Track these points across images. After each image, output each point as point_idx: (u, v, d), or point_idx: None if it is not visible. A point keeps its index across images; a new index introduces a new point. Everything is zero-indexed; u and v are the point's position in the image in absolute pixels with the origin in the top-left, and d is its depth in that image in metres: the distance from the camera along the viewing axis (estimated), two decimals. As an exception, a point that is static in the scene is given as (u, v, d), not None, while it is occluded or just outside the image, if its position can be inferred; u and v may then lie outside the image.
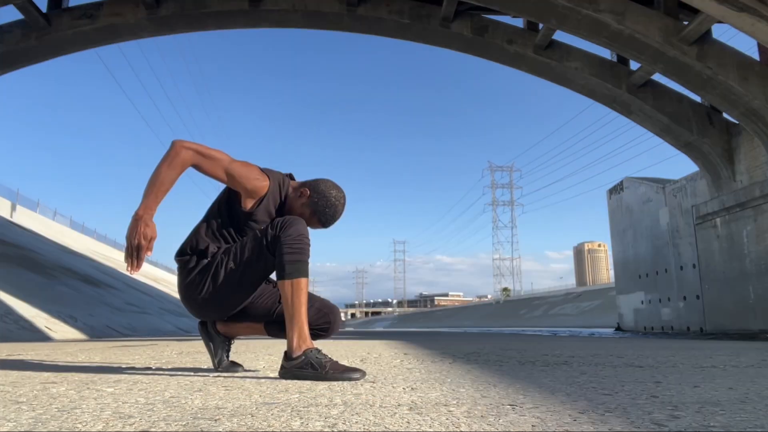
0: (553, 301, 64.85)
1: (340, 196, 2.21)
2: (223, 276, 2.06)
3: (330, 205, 2.17)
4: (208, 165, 2.03)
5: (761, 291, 14.82)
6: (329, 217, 2.18)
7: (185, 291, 2.14)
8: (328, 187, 2.20)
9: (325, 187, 2.19)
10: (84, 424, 1.12)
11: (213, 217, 2.18)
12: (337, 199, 2.19)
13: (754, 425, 1.15)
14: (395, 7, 15.00)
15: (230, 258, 2.07)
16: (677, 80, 14.27)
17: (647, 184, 21.73)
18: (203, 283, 2.08)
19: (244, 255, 2.06)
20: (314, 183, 2.21)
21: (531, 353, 3.73)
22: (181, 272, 2.15)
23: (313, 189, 2.18)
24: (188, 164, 2.01)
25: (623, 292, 23.76)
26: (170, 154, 1.98)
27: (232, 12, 14.90)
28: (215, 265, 2.08)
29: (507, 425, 1.14)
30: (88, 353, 3.74)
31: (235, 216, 2.14)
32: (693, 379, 2.08)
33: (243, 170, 2.08)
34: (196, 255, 2.12)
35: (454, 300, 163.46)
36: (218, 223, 2.16)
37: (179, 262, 2.16)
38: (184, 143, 2.02)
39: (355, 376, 1.98)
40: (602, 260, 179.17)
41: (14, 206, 26.73)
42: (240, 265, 2.06)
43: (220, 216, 2.16)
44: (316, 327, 2.18)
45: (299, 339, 1.98)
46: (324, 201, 2.17)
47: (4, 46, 14.41)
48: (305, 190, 2.17)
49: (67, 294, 13.50)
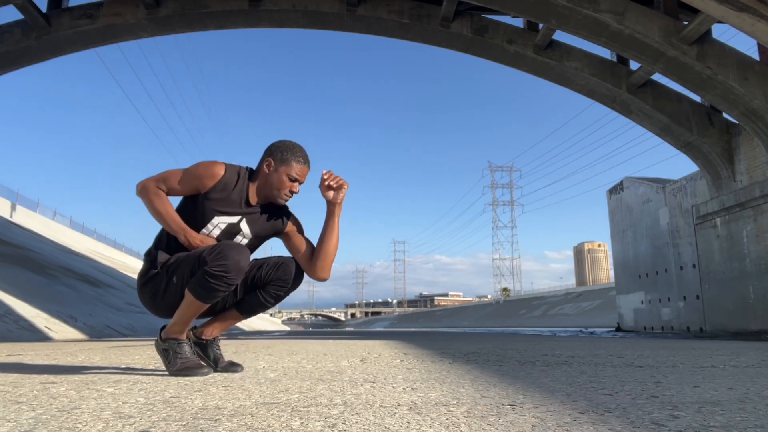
0: (553, 301, 64.83)
1: (289, 140, 2.33)
2: (163, 290, 2.17)
3: (291, 146, 2.28)
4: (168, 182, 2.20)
5: (761, 291, 14.81)
6: (298, 152, 2.27)
7: (138, 290, 2.27)
8: (276, 143, 2.31)
9: (277, 144, 2.30)
10: (84, 424, 1.12)
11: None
12: (291, 142, 2.30)
13: (754, 425, 1.15)
14: (395, 7, 15.00)
15: (172, 275, 2.15)
16: (677, 80, 14.27)
17: (647, 184, 21.73)
18: (149, 291, 2.21)
19: (183, 275, 2.13)
20: (265, 151, 2.30)
21: (531, 353, 3.73)
22: (140, 271, 2.27)
23: (271, 152, 2.27)
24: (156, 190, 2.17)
25: (623, 292, 23.76)
26: (146, 195, 2.18)
27: (232, 12, 14.90)
28: (159, 280, 2.17)
29: (507, 425, 1.14)
30: (88, 353, 3.74)
31: (192, 211, 2.21)
32: (693, 379, 2.08)
33: (190, 167, 2.22)
34: (150, 261, 2.22)
35: (454, 300, 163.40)
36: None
37: (143, 260, 2.30)
38: (141, 184, 2.21)
39: (201, 373, 2.12)
40: (602, 260, 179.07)
41: (14, 206, 26.72)
42: (178, 282, 2.15)
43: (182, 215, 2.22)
44: (273, 283, 2.25)
45: (174, 327, 2.17)
46: (285, 148, 2.27)
47: (4, 46, 14.41)
48: (268, 161, 2.25)
49: (67, 294, 13.49)
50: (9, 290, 10.52)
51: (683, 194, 18.97)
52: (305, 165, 2.28)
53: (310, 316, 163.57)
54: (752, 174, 15.14)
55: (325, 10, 14.92)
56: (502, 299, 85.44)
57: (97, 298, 15.23)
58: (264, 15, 15.12)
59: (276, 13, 15.09)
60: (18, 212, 26.81)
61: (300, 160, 2.26)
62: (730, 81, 13.07)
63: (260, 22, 15.50)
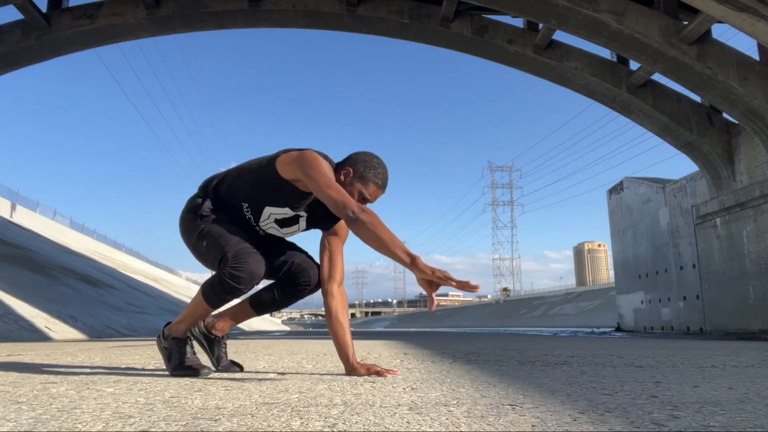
0: (553, 301, 64.85)
1: (376, 156, 2.18)
2: (194, 241, 2.15)
3: (376, 164, 2.14)
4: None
5: (761, 291, 14.81)
6: (380, 175, 2.14)
7: (180, 226, 2.24)
8: (363, 154, 2.17)
9: (361, 156, 2.16)
10: (84, 424, 1.12)
11: (244, 180, 2.17)
12: (376, 158, 2.17)
13: (754, 425, 1.15)
14: (395, 7, 15.00)
15: (203, 238, 2.11)
16: (677, 80, 14.27)
17: (647, 184, 21.73)
18: (188, 231, 2.18)
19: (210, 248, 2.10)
20: (350, 159, 2.16)
21: (531, 353, 3.73)
22: (183, 212, 2.23)
23: (353, 163, 2.13)
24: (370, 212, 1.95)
25: (623, 292, 23.76)
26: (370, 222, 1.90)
27: (232, 12, 14.90)
28: (195, 228, 2.14)
29: (507, 425, 1.14)
30: (88, 353, 3.74)
31: (271, 191, 2.11)
32: (693, 379, 2.08)
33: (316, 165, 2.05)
34: (194, 209, 2.17)
35: (454, 300, 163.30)
36: (240, 190, 2.16)
37: (192, 198, 2.24)
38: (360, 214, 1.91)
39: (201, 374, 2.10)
40: (602, 260, 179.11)
41: (14, 206, 26.72)
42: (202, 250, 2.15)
43: (252, 188, 2.14)
44: (296, 283, 2.26)
45: (179, 326, 2.17)
46: (369, 164, 2.13)
47: (4, 46, 14.41)
48: (347, 170, 2.11)
49: (67, 294, 13.49)
50: (9, 290, 10.52)
51: (683, 194, 18.98)
52: (381, 190, 2.16)
53: (310, 316, 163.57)
54: (752, 174, 15.14)
55: (325, 10, 14.92)
56: (502, 299, 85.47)
57: (97, 298, 15.23)
58: (264, 15, 15.12)
59: (276, 13, 15.09)
60: (18, 212, 26.81)
61: (378, 183, 2.14)
62: (730, 81, 13.07)
63: (260, 22, 15.50)
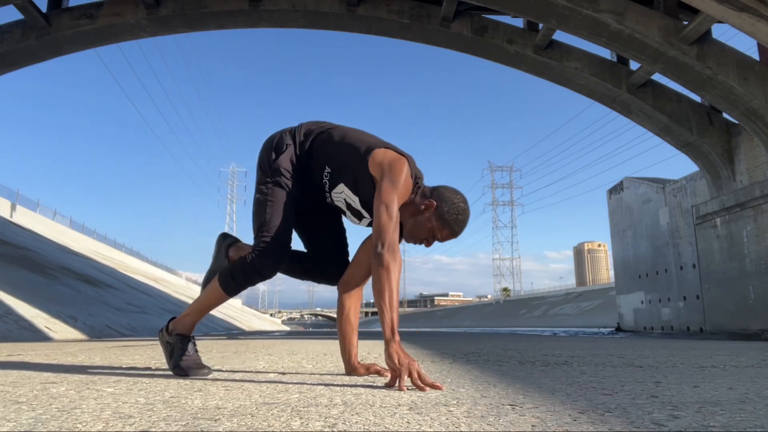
0: (553, 301, 64.87)
1: (465, 199, 2.08)
2: (257, 184, 2.14)
3: (461, 211, 2.05)
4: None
5: (761, 291, 14.82)
6: (461, 222, 2.06)
7: (259, 153, 2.22)
8: (452, 193, 2.07)
9: (449, 194, 2.06)
10: (84, 424, 1.12)
11: (341, 150, 2.09)
12: (464, 203, 2.07)
13: (754, 425, 1.15)
14: (395, 7, 15.01)
15: (266, 194, 2.10)
16: (677, 80, 14.28)
17: (647, 184, 21.74)
18: (260, 168, 2.17)
19: (261, 209, 2.08)
20: (437, 192, 2.06)
21: (531, 353, 3.73)
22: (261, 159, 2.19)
23: (439, 198, 2.03)
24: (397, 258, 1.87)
25: (623, 292, 23.76)
26: (393, 265, 1.83)
27: (232, 12, 14.91)
28: (264, 175, 2.13)
29: (507, 425, 1.14)
30: (88, 353, 3.73)
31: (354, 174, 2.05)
32: (693, 379, 2.08)
33: (397, 178, 1.97)
34: (282, 149, 2.13)
35: (453, 300, 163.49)
36: (332, 157, 2.10)
37: (283, 135, 2.18)
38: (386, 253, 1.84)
39: (201, 373, 2.08)
40: (602, 260, 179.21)
41: (14, 206, 26.72)
42: (257, 200, 2.13)
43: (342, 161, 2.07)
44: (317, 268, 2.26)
45: (186, 320, 2.15)
46: (454, 208, 2.03)
47: (4, 46, 14.42)
48: (430, 202, 2.02)
49: (67, 294, 13.49)
50: (9, 290, 10.52)
51: (683, 194, 18.98)
52: (454, 236, 2.09)
53: (310, 316, 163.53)
54: (752, 174, 15.14)
55: (324, 10, 14.92)
56: (502, 299, 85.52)
57: (97, 298, 15.23)
58: (264, 15, 15.13)
59: (276, 13, 15.10)
60: (18, 212, 26.81)
61: (455, 231, 2.06)
62: (730, 81, 13.07)
63: (260, 22, 15.51)
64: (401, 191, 1.95)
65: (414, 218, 2.04)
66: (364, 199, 2.06)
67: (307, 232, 2.28)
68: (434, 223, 2.03)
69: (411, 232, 2.07)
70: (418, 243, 2.08)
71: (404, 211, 2.04)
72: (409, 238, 2.09)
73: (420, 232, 2.05)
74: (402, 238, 2.12)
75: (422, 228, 2.04)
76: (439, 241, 2.07)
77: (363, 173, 2.02)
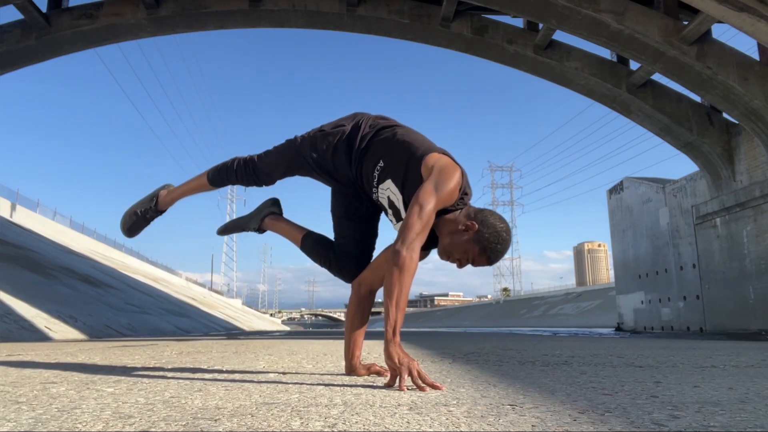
0: (553, 301, 64.87)
1: (508, 229, 2.00)
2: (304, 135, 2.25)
3: (501, 240, 1.96)
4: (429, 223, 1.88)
5: (761, 291, 14.82)
6: (499, 252, 1.98)
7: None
8: (497, 220, 1.98)
9: (493, 220, 1.97)
10: (84, 424, 1.12)
11: (401, 148, 2.05)
12: (507, 233, 1.98)
13: (754, 425, 1.15)
14: (395, 7, 15.01)
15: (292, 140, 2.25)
16: (677, 80, 14.28)
17: (647, 184, 21.74)
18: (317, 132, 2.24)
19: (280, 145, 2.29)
20: (482, 215, 1.98)
21: (531, 353, 3.73)
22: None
23: (482, 223, 1.94)
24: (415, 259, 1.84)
25: (623, 292, 23.76)
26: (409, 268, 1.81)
27: (232, 12, 14.91)
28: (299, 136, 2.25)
29: (507, 425, 1.14)
30: (88, 353, 3.73)
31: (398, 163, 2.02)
32: (693, 379, 2.08)
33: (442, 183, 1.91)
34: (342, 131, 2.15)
35: (454, 300, 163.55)
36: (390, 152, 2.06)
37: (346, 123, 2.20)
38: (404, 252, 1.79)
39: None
40: (602, 260, 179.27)
41: (14, 206, 26.71)
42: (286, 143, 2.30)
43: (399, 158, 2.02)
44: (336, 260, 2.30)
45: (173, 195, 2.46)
46: (495, 236, 1.94)
47: (4, 46, 14.42)
48: (472, 224, 1.93)
49: (67, 294, 13.49)
50: (9, 290, 10.52)
51: (683, 194, 18.98)
52: (488, 264, 2.01)
53: (310, 316, 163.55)
54: (752, 174, 15.14)
55: (324, 10, 14.92)
56: (502, 299, 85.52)
57: (97, 298, 15.22)
58: (264, 15, 15.13)
59: (276, 13, 15.10)
60: (18, 212, 26.80)
61: (491, 259, 1.97)
62: (730, 81, 13.08)
63: (260, 22, 15.51)
64: (443, 197, 1.88)
65: (452, 237, 1.96)
66: (407, 200, 1.98)
67: (345, 222, 2.26)
68: (472, 247, 1.94)
69: (446, 249, 1.98)
70: (450, 261, 2.00)
71: (444, 226, 1.97)
72: (442, 255, 2.02)
73: (455, 252, 1.96)
74: (431, 249, 2.09)
75: (458, 248, 1.95)
76: (473, 265, 2.00)
77: (414, 173, 1.96)
